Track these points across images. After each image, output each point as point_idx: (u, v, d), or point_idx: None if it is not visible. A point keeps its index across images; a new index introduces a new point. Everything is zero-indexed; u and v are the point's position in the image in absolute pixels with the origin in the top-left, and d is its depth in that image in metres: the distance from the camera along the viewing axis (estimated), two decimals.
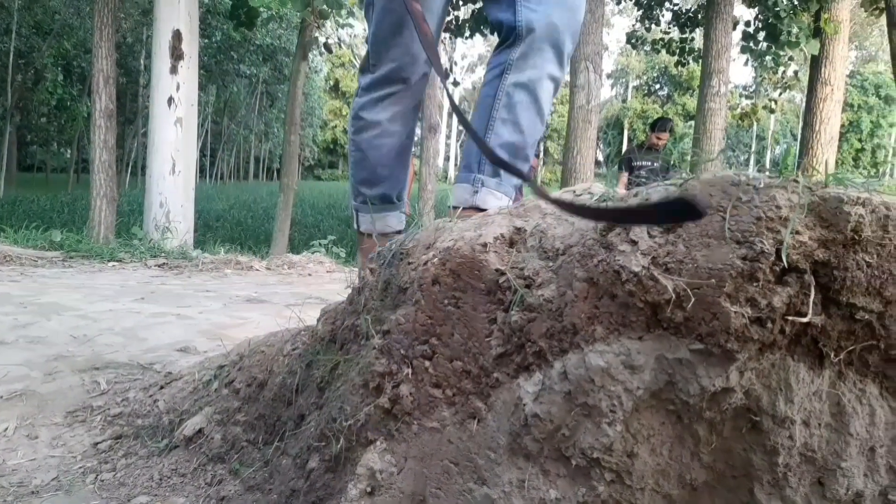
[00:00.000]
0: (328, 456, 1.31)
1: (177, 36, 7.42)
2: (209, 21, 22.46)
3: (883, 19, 9.62)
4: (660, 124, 7.35)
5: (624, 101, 54.80)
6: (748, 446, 0.93)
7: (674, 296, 0.86)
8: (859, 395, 0.91)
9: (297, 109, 7.29)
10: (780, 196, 0.81)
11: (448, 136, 58.68)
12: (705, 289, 0.84)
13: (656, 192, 0.94)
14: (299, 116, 7.77)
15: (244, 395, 1.92)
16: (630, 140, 47.02)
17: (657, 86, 53.51)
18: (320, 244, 6.84)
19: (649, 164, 7.04)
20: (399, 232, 1.97)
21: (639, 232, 0.92)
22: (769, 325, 0.82)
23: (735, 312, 0.82)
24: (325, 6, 5.69)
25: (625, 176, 7.02)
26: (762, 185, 0.81)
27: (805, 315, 0.80)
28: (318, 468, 1.34)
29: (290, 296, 4.25)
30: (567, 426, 0.99)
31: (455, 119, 58.04)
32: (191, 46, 7.65)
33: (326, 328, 1.64)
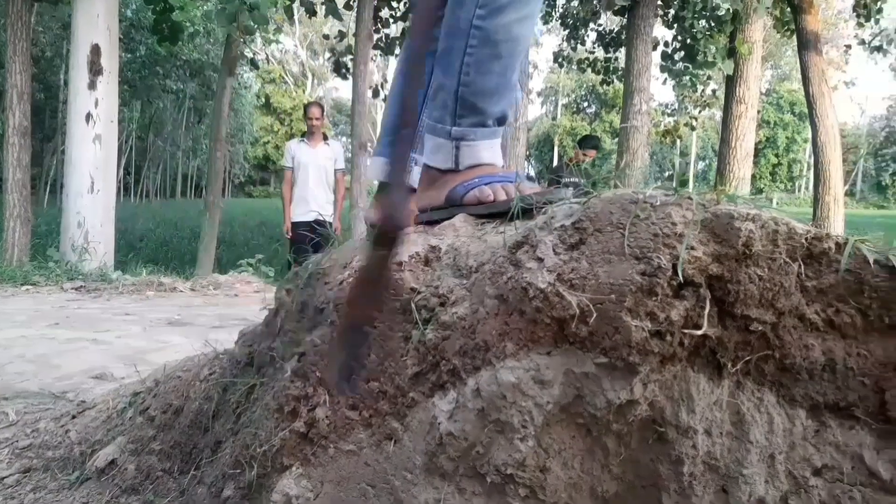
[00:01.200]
0: (243, 483, 1.27)
1: (95, 50, 7.17)
2: (133, 35, 21.82)
3: (795, 40, 10.20)
4: (586, 142, 7.54)
5: (554, 118, 56.07)
6: (655, 457, 0.95)
7: (578, 311, 0.88)
8: (757, 404, 0.95)
9: (222, 126, 7.13)
10: (676, 213, 0.84)
11: None
12: (607, 304, 0.86)
13: (560, 210, 0.96)
14: (225, 133, 7.61)
15: (159, 423, 1.85)
16: (560, 156, 48.14)
17: (585, 103, 55.00)
18: (248, 263, 6.68)
19: (577, 180, 7.21)
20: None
21: (545, 249, 0.94)
22: (668, 338, 0.85)
23: (636, 326, 0.84)
24: (250, 22, 5.61)
25: None
26: (659, 203, 0.84)
27: (701, 328, 0.83)
28: (234, 496, 1.30)
29: (214, 318, 4.14)
30: (481, 443, 1.00)
31: None
32: (110, 61, 7.40)
33: (244, 351, 1.60)
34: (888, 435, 1.00)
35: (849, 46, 16.97)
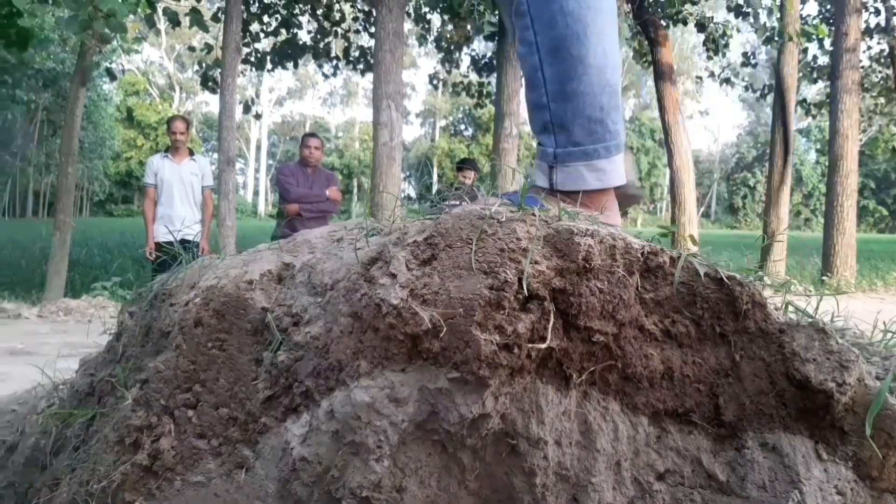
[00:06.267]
0: None
1: None
2: None
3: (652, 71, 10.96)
4: (464, 165, 7.70)
5: (432, 139, 56.89)
6: (509, 470, 0.96)
7: (430, 326, 0.87)
8: (603, 413, 0.98)
9: (74, 139, 6.64)
10: (520, 229, 0.85)
11: (257, 171, 56.90)
12: (458, 318, 0.86)
13: (413, 225, 0.95)
14: (81, 147, 7.10)
15: None
16: (440, 177, 48.95)
17: (462, 126, 56.25)
18: (103, 287, 6.22)
19: (457, 202, 7.33)
20: None
21: (398, 265, 0.93)
22: (516, 350, 0.86)
23: (485, 340, 0.84)
24: (106, 30, 5.26)
25: None
26: (504, 219, 0.86)
27: (546, 340, 0.85)
28: None
29: (63, 346, 3.82)
30: (336, 467, 0.97)
31: (263, 152, 56.22)
32: None
33: (85, 380, 1.47)
34: (722, 438, 1.06)
35: (700, 78, 18.51)
